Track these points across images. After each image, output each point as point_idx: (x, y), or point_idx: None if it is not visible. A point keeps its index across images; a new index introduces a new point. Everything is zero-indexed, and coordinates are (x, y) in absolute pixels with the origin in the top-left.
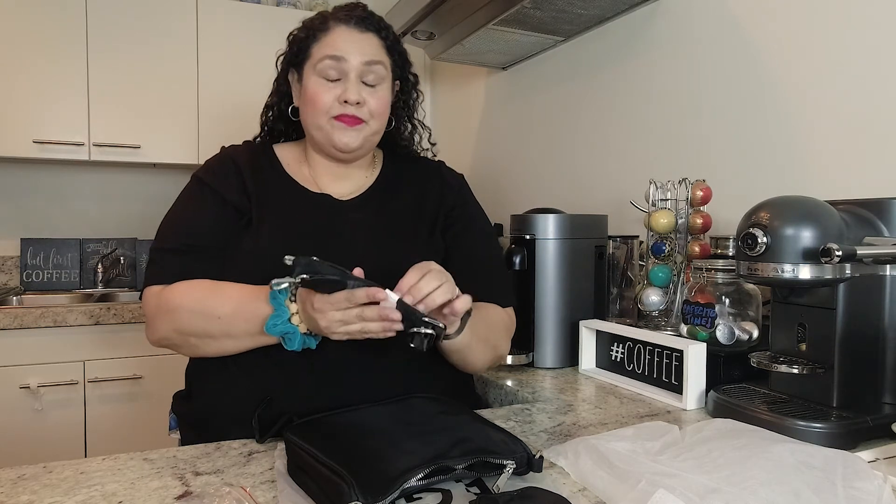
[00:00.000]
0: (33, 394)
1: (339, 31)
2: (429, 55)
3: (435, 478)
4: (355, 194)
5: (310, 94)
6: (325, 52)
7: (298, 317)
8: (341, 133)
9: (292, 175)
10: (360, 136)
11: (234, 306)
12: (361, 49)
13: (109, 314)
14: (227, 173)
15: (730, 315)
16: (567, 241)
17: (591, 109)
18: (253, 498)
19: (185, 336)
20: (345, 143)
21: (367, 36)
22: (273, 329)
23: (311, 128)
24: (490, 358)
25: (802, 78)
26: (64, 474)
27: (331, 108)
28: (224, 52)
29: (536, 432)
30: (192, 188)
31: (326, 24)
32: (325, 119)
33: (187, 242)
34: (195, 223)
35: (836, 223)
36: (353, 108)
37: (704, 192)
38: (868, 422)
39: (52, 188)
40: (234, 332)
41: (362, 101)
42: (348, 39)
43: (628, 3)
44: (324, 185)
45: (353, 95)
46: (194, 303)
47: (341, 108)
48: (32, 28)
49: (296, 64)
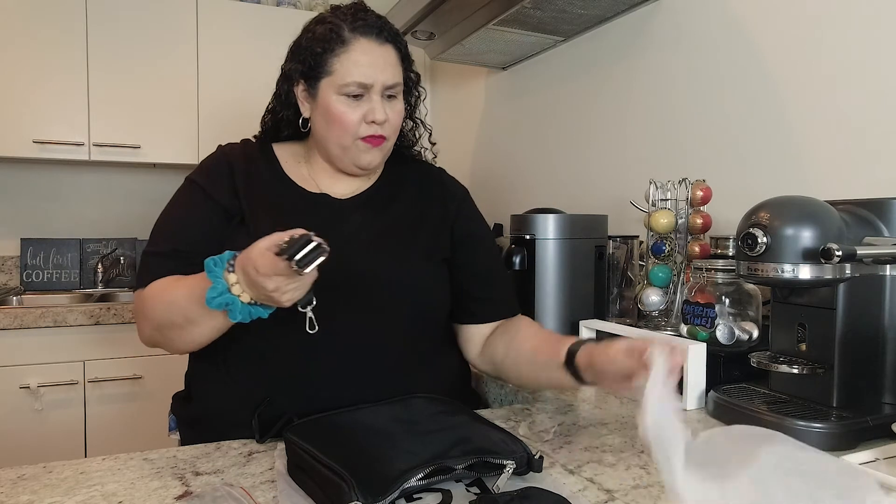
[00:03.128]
0: (33, 394)
1: (360, 47)
2: (429, 55)
3: (435, 478)
4: (354, 194)
5: (334, 113)
6: (353, 77)
7: (239, 286)
8: (366, 153)
9: (290, 175)
10: (381, 153)
11: (188, 290)
12: (385, 69)
13: (109, 314)
14: (219, 174)
15: (730, 315)
16: (567, 241)
17: (591, 109)
18: (253, 498)
19: (161, 330)
20: (368, 162)
21: (386, 49)
22: (212, 302)
23: (333, 147)
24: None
25: (802, 78)
26: (64, 474)
27: (358, 129)
28: (224, 52)
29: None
30: (183, 190)
31: (342, 36)
32: (350, 140)
33: (175, 247)
34: (183, 227)
35: (836, 223)
36: (378, 126)
37: (704, 192)
38: (868, 422)
39: (52, 188)
40: (192, 316)
41: (386, 120)
42: (371, 56)
43: (628, 3)
44: (323, 185)
45: (380, 116)
46: (159, 293)
47: (368, 129)
48: (32, 28)
49: (310, 77)
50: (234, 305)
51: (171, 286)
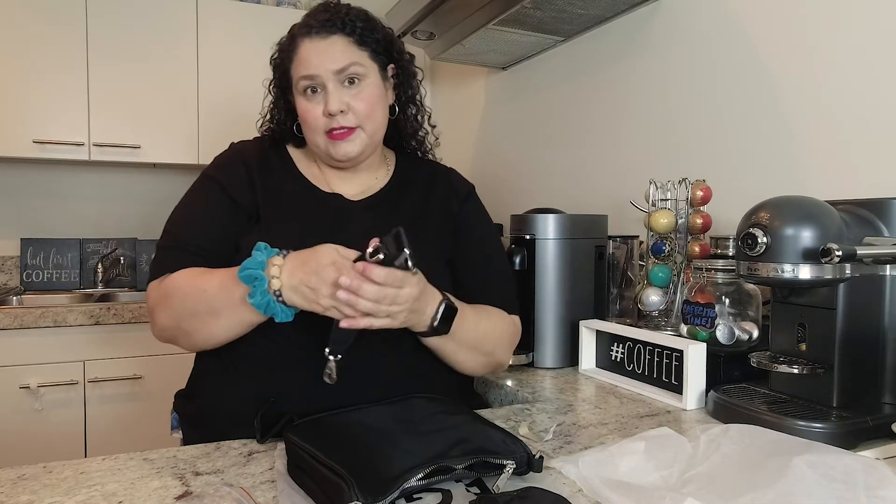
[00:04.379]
0: (33, 394)
1: (304, 47)
2: (429, 55)
3: (435, 478)
4: (366, 195)
5: (300, 114)
6: (300, 73)
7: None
8: (336, 147)
9: (304, 174)
10: (355, 144)
11: (220, 280)
12: (328, 58)
13: (109, 314)
14: (236, 170)
15: (730, 315)
16: (567, 241)
17: (591, 109)
18: (253, 498)
19: (181, 322)
20: (343, 154)
21: (331, 40)
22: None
23: (311, 144)
24: (482, 364)
25: (802, 78)
26: (64, 474)
27: (320, 124)
28: (224, 52)
29: (537, 432)
30: (200, 185)
31: (294, 42)
32: (320, 137)
33: (192, 241)
34: (201, 222)
35: (836, 223)
36: (340, 117)
37: (704, 192)
38: (868, 422)
39: (52, 188)
40: (218, 306)
41: (346, 109)
42: (314, 52)
43: (628, 3)
44: (334, 185)
45: (333, 105)
46: (185, 281)
47: (329, 123)
48: (32, 28)
49: (283, 88)
50: (261, 283)
51: (202, 275)
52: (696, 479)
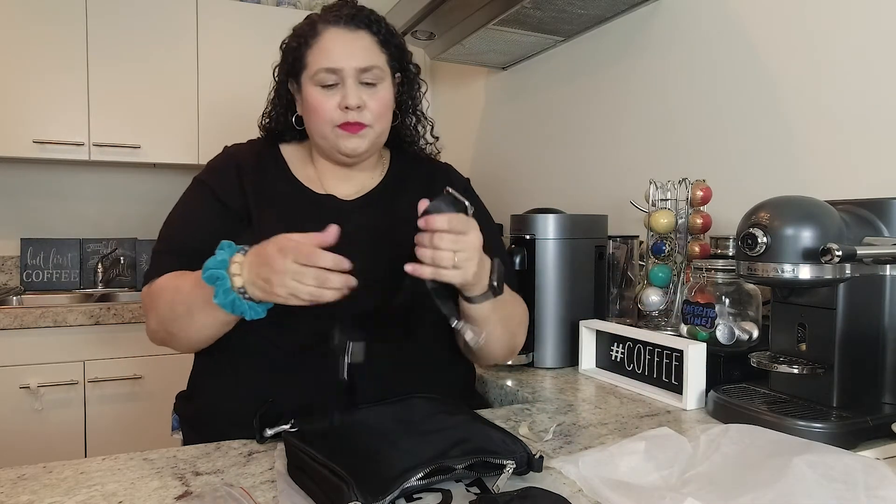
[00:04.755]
0: (33, 394)
1: (329, 35)
2: (429, 55)
3: (435, 478)
4: (360, 194)
5: (310, 104)
6: (321, 64)
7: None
8: (346, 141)
9: (297, 175)
10: (365, 141)
11: (194, 279)
12: (354, 53)
13: (109, 314)
14: (227, 174)
15: (730, 315)
16: (567, 241)
17: (591, 109)
18: (253, 498)
19: (165, 324)
20: (351, 149)
21: (358, 35)
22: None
23: (316, 137)
24: (505, 345)
25: (802, 78)
26: (64, 474)
27: (333, 116)
28: (224, 52)
29: (537, 432)
30: (192, 190)
31: (315, 29)
32: (328, 129)
33: (183, 245)
34: (192, 226)
35: (836, 223)
36: (355, 113)
37: (704, 192)
38: (868, 422)
39: (52, 188)
40: (193, 305)
41: (363, 105)
42: (340, 42)
43: (628, 3)
44: (329, 185)
45: (352, 100)
46: (167, 284)
47: (343, 116)
48: (32, 28)
49: (293, 74)
50: (223, 282)
51: (178, 277)
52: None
